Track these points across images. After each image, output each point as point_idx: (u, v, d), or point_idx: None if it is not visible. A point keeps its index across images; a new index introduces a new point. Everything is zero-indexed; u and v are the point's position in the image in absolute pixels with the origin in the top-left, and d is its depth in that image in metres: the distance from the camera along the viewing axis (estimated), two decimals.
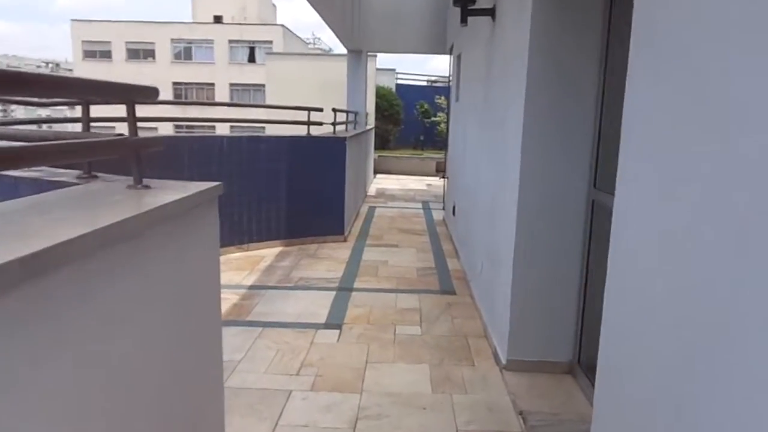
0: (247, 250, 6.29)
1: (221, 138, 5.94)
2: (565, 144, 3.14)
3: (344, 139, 6.69)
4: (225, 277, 5.29)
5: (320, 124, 6.67)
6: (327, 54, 17.78)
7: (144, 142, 1.73)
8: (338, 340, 3.93)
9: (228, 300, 4.67)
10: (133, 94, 1.79)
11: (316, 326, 4.17)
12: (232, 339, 3.85)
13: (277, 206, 6.43)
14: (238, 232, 6.19)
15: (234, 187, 6.06)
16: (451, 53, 9.36)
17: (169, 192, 1.68)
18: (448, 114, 9.75)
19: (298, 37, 43.77)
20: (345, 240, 6.93)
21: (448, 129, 9.60)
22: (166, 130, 39.87)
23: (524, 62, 3.13)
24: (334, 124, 6.85)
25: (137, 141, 1.68)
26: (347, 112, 8.69)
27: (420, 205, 10.08)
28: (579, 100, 3.11)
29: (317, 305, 4.63)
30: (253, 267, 5.69)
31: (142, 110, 2.03)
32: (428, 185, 13.29)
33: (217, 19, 46.40)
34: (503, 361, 3.44)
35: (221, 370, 2.09)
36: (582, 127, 3.12)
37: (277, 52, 19.25)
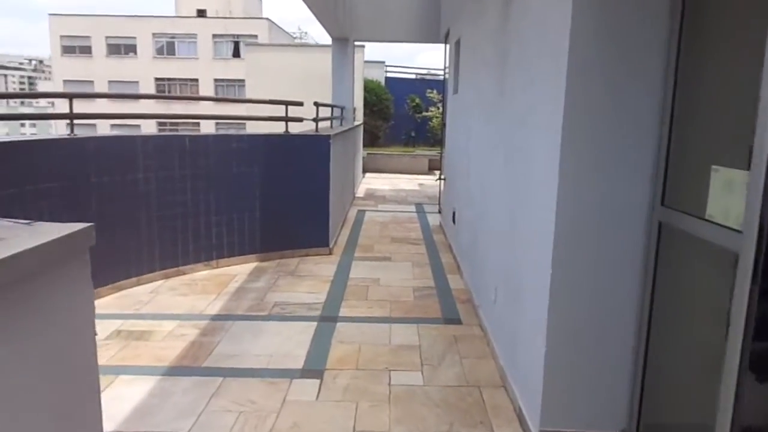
0: (216, 268, 5.42)
1: (182, 138, 5.05)
2: (620, 147, 2.32)
3: (328, 137, 5.84)
4: (186, 305, 4.43)
5: (300, 120, 5.81)
6: (311, 45, 16.73)
7: None
8: (318, 396, 3.08)
9: (184, 337, 3.80)
10: None
11: (292, 374, 3.32)
12: (180, 398, 2.99)
13: (251, 216, 5.57)
14: (205, 248, 5.32)
15: (199, 195, 5.19)
16: (446, 42, 8.52)
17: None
18: (443, 108, 8.91)
19: (284, 31, 42.69)
20: (330, 253, 6.07)
21: (443, 124, 8.77)
22: (150, 129, 38.80)
23: (563, 40, 2.29)
24: (316, 120, 6.00)
25: None
26: (332, 106, 7.82)
27: (413, 208, 9.25)
28: (640, 89, 2.28)
29: (294, 342, 3.78)
30: (222, 289, 4.83)
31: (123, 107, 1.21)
32: (420, 185, 12.46)
33: (201, 13, 45.16)
34: (534, 431, 2.62)
35: None
36: (645, 125, 2.29)
37: (257, 43, 18.17)
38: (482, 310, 4.12)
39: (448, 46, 8.14)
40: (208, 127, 35.95)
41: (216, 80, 41.28)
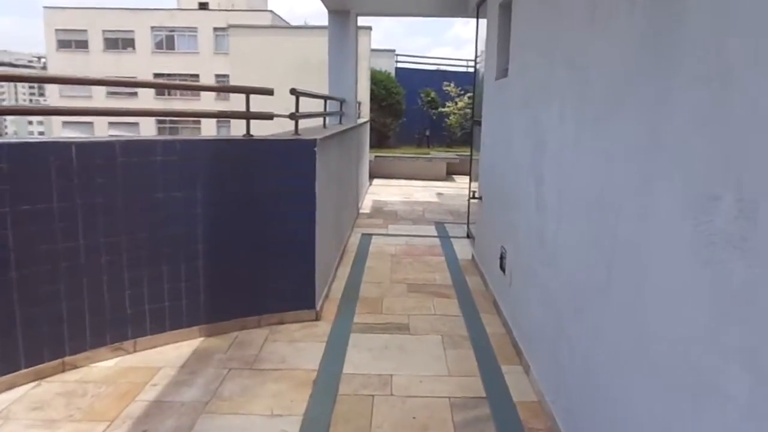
0: (132, 352, 3.40)
1: (63, 146, 3.03)
2: None
3: (313, 142, 3.79)
4: None
5: (269, 117, 3.77)
6: (308, 27, 14.55)
7: None
8: None
9: None
10: None
11: None
12: None
13: (190, 267, 3.54)
14: (114, 322, 3.30)
15: (98, 238, 3.17)
16: (477, 14, 6.45)
17: None
18: (474, 101, 6.84)
19: (288, 24, 40.66)
20: (317, 317, 4.03)
21: (475, 122, 6.70)
22: (148, 127, 36.96)
23: None
24: (295, 116, 3.95)
25: None
26: (325, 98, 5.74)
27: (434, 230, 7.18)
28: None
29: None
30: (124, 407, 2.81)
31: None
32: (439, 194, 10.38)
33: (203, 6, 43.31)
34: None
35: None
36: None
37: (240, 25, 15.90)
38: None
39: (482, 19, 6.07)
40: (209, 128, 34.07)
41: (217, 76, 39.31)
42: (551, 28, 2.99)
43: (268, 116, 3.85)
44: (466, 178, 12.67)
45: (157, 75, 38.77)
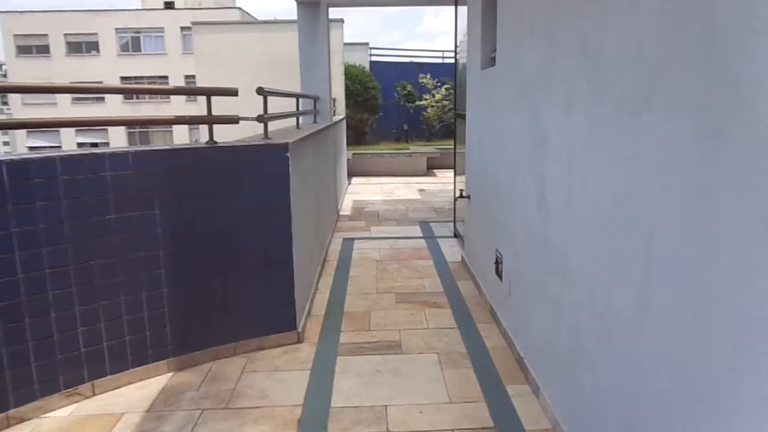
0: (90, 397, 2.99)
1: None
2: None
3: (284, 147, 3.41)
4: None
5: (234, 121, 3.36)
6: (277, 21, 13.93)
7: None
8: None
9: None
10: None
11: None
12: None
13: (152, 295, 3.13)
14: (64, 363, 2.89)
15: (43, 269, 2.75)
16: (456, 2, 6.10)
17: None
18: (456, 92, 6.50)
19: (256, 19, 39.83)
20: (299, 340, 3.66)
21: (457, 115, 6.37)
22: (118, 133, 35.84)
23: None
24: (263, 118, 3.54)
25: None
26: (297, 96, 5.32)
27: (419, 230, 6.84)
28: None
29: None
30: None
31: None
32: (422, 191, 10.05)
33: (168, 5, 42.16)
34: None
35: None
36: None
37: (204, 22, 15.18)
38: None
39: (462, 6, 5.72)
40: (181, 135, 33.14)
41: (187, 77, 38.30)
42: (554, 4, 2.65)
43: (233, 120, 3.44)
44: (448, 173, 12.37)
45: (124, 78, 37.68)
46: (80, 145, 33.12)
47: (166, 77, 38.29)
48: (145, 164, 3.03)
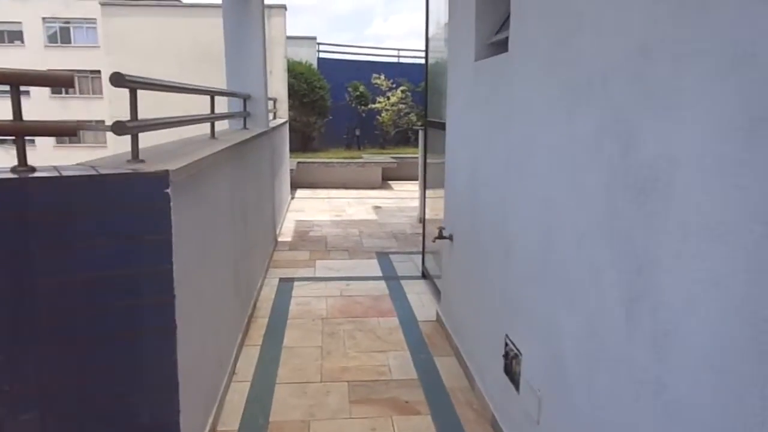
0: None
1: None
2: None
3: (160, 178, 1.93)
4: None
5: (71, 132, 1.86)
6: (200, 5, 12.04)
7: None
8: None
9: None
10: None
11: None
12: None
13: None
14: None
15: None
16: None
17: None
18: (426, 93, 5.13)
19: (183, 5, 37.51)
20: None
21: (428, 123, 5.02)
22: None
23: None
24: (125, 128, 2.04)
25: None
26: (211, 94, 3.75)
27: (377, 266, 5.43)
28: None
29: None
30: None
31: None
32: (377, 208, 8.64)
33: None
34: None
35: None
36: None
37: (114, 3, 13.18)
38: None
39: None
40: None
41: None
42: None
43: (70, 131, 1.93)
44: (405, 185, 11.02)
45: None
46: None
47: (98, 71, 35.45)
48: None
